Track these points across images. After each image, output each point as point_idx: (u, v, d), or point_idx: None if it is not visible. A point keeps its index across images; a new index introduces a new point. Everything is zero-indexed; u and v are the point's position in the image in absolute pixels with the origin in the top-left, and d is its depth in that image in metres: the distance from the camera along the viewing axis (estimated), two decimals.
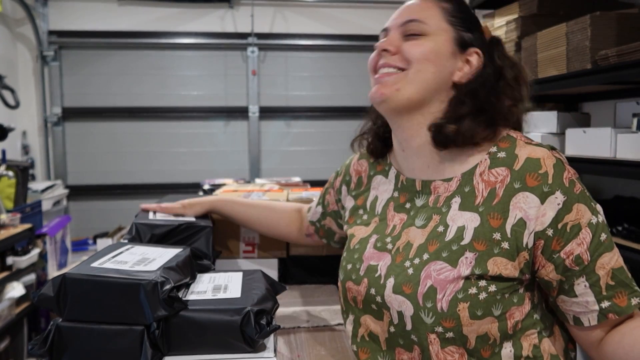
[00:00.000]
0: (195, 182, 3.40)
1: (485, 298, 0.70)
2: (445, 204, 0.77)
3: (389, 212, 0.86)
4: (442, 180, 0.79)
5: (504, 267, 0.70)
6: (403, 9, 0.83)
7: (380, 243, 0.83)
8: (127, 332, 0.69)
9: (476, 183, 0.75)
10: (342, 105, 3.92)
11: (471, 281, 0.70)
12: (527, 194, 0.70)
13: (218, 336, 0.71)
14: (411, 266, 0.75)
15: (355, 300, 0.83)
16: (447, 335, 0.70)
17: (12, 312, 2.15)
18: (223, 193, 1.53)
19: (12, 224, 2.23)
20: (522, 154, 0.73)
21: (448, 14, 0.80)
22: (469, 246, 0.71)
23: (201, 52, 3.84)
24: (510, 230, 0.70)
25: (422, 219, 0.79)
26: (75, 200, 3.78)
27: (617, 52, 1.47)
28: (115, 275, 0.70)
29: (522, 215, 0.70)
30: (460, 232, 0.73)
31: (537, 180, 0.70)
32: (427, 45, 0.78)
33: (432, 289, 0.71)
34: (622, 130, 1.58)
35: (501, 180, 0.73)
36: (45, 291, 0.70)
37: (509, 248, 0.70)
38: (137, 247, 0.88)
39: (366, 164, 0.97)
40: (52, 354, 0.69)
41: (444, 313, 0.70)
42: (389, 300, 0.76)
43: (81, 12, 3.68)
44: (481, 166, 0.76)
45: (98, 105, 3.75)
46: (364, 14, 3.87)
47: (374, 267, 0.81)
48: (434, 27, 0.79)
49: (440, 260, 0.73)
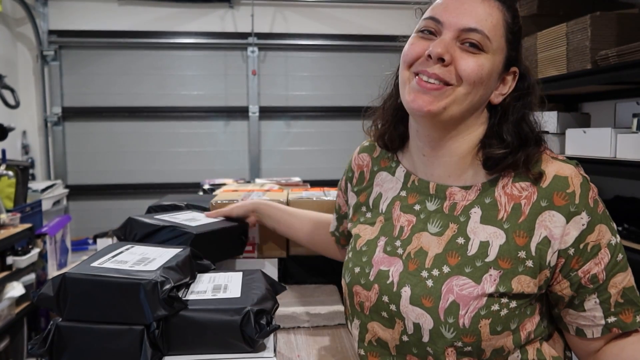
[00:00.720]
0: (195, 182, 3.39)
1: (506, 314, 0.69)
2: (463, 213, 0.74)
3: (394, 212, 0.82)
4: (460, 187, 0.76)
5: (527, 285, 0.69)
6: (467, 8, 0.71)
7: (390, 247, 0.79)
8: (127, 331, 0.69)
9: (498, 196, 0.73)
10: (342, 105, 3.92)
11: (494, 298, 0.69)
12: (554, 212, 0.69)
13: (218, 336, 0.71)
14: (429, 277, 0.72)
15: (362, 306, 0.80)
16: (465, 350, 0.70)
17: (12, 312, 2.15)
18: (223, 193, 1.53)
19: (12, 223, 2.22)
20: (550, 170, 0.71)
21: (508, 30, 0.73)
22: (494, 264, 0.70)
23: (201, 52, 3.84)
24: (535, 249, 0.69)
25: (436, 226, 0.76)
26: (75, 200, 3.78)
27: (617, 52, 1.47)
28: (115, 274, 0.70)
29: (547, 234, 0.69)
30: (483, 247, 0.71)
31: (564, 200, 0.69)
32: (485, 66, 0.70)
33: (454, 304, 0.69)
34: (622, 130, 1.58)
35: (527, 196, 0.71)
36: (45, 291, 0.70)
37: (532, 266, 0.69)
38: (137, 247, 0.88)
39: (368, 158, 0.92)
40: (51, 354, 0.69)
41: (465, 329, 0.68)
42: (405, 310, 0.73)
43: (81, 12, 3.68)
44: (504, 178, 0.73)
45: (98, 105, 3.75)
46: (364, 14, 3.87)
47: (384, 273, 0.77)
48: (495, 45, 0.71)
49: (463, 276, 0.70)
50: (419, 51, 0.72)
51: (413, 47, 0.74)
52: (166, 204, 1.35)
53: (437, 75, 0.70)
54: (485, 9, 0.71)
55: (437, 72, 0.70)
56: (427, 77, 0.71)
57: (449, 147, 0.76)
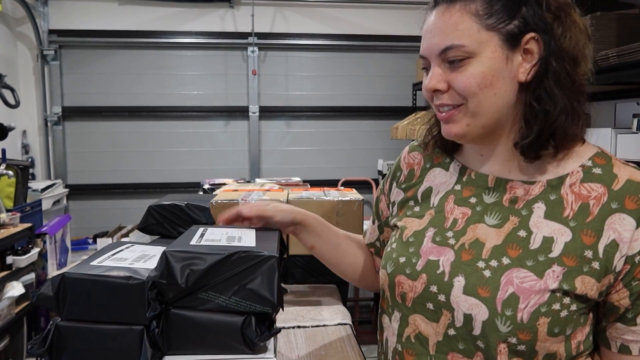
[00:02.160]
0: (195, 181, 3.40)
1: (565, 316, 0.67)
2: (525, 207, 0.72)
3: (447, 205, 0.80)
4: (523, 182, 0.74)
5: (590, 288, 0.67)
6: (433, 31, 0.73)
7: (440, 237, 0.77)
8: (127, 331, 0.69)
9: (564, 193, 0.71)
10: (343, 105, 3.92)
11: (556, 296, 0.66)
12: (624, 216, 0.67)
13: (218, 337, 0.71)
14: (487, 268, 0.70)
15: (405, 297, 0.77)
16: (518, 348, 0.67)
17: (11, 312, 2.15)
18: (223, 192, 1.53)
19: (12, 223, 2.22)
20: (623, 174, 0.70)
21: (482, 18, 0.69)
22: (558, 260, 0.67)
23: (201, 52, 3.84)
24: (603, 251, 0.67)
25: (495, 218, 0.74)
26: (75, 199, 3.78)
27: (617, 52, 1.47)
28: (114, 274, 0.70)
29: (616, 237, 0.67)
30: (547, 243, 0.69)
31: (636, 204, 0.67)
32: (476, 70, 0.69)
33: (514, 296, 0.67)
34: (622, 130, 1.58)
35: (596, 197, 0.69)
36: (44, 290, 0.70)
37: (598, 269, 0.67)
38: (136, 245, 0.88)
39: (420, 156, 0.89)
40: (51, 354, 0.69)
41: (522, 324, 0.66)
42: (457, 300, 0.70)
43: (81, 12, 3.68)
44: (572, 177, 0.72)
45: (98, 105, 3.75)
46: (364, 14, 3.87)
47: (434, 263, 0.75)
48: (474, 45, 0.69)
49: (525, 269, 0.68)
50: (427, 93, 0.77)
51: (423, 89, 0.78)
52: (166, 203, 1.35)
53: (443, 104, 0.74)
54: (446, 21, 0.71)
55: (444, 101, 0.74)
56: (440, 108, 0.75)
57: (502, 143, 0.76)
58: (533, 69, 0.70)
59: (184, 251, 0.71)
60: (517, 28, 0.69)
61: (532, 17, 0.69)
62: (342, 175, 3.93)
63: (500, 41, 0.69)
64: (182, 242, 0.77)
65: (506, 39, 0.69)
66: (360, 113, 3.93)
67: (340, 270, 0.98)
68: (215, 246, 0.75)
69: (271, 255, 0.73)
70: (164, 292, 0.70)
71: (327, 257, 0.97)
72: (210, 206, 1.34)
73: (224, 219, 0.95)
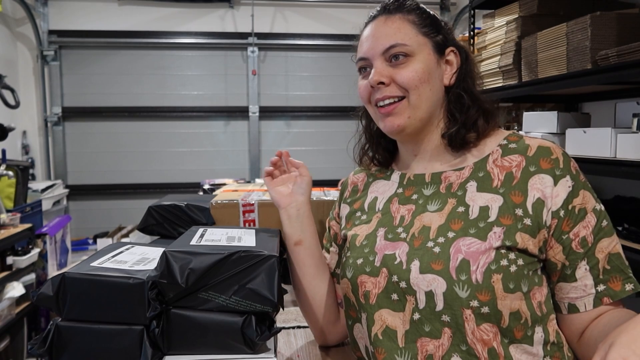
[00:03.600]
0: (195, 182, 3.40)
1: (515, 271, 0.71)
2: (460, 188, 0.80)
3: (392, 206, 0.86)
4: (454, 170, 0.83)
5: (528, 242, 0.73)
6: (376, 35, 0.84)
7: (392, 234, 0.81)
8: (127, 331, 0.69)
9: (490, 169, 0.80)
10: (342, 105, 3.92)
11: (502, 253, 0.72)
12: (543, 175, 0.75)
13: (219, 337, 0.71)
14: (436, 245, 0.75)
15: (368, 296, 0.79)
16: (482, 311, 0.70)
17: (12, 312, 2.15)
18: (223, 193, 1.53)
19: (12, 223, 2.23)
20: (533, 143, 0.80)
21: (418, 26, 0.83)
22: (496, 222, 0.74)
23: (201, 52, 3.84)
24: (532, 208, 0.74)
25: (435, 204, 0.81)
26: (75, 200, 3.78)
27: (617, 52, 1.47)
28: (114, 274, 0.70)
29: (540, 195, 0.74)
30: (484, 211, 0.76)
31: (550, 164, 0.76)
32: (417, 67, 0.81)
33: (464, 261, 0.72)
34: (622, 130, 1.58)
35: (517, 164, 0.78)
36: (44, 290, 0.70)
37: (530, 224, 0.73)
38: (136, 247, 0.88)
39: (363, 175, 0.98)
40: (51, 354, 0.69)
41: (479, 285, 0.70)
42: (416, 282, 0.74)
43: (81, 12, 3.69)
44: (493, 155, 0.81)
45: (98, 105, 3.75)
46: (364, 14, 3.86)
47: (391, 256, 0.79)
48: (414, 46, 0.81)
49: (469, 237, 0.74)
50: (366, 88, 0.86)
51: (361, 88, 0.88)
52: (166, 204, 1.35)
53: (387, 96, 0.82)
54: (390, 26, 0.83)
55: (386, 94, 0.82)
56: (382, 102, 0.83)
57: (432, 139, 0.86)
58: (454, 76, 0.85)
59: (184, 251, 0.71)
60: (441, 40, 0.84)
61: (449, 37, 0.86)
62: (342, 175, 3.92)
63: (432, 47, 0.83)
64: (182, 242, 0.77)
65: (436, 46, 0.83)
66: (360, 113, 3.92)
67: (314, 290, 0.93)
68: (215, 246, 0.75)
69: (271, 254, 0.73)
70: (164, 292, 0.70)
71: (307, 263, 0.92)
72: (210, 206, 1.34)
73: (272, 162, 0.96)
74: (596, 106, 2.16)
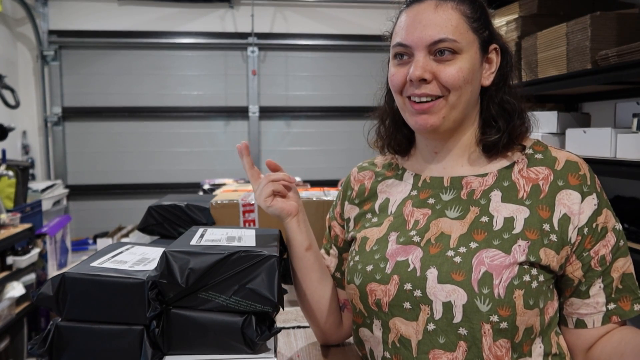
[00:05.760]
0: (195, 182, 3.40)
1: (536, 287, 0.70)
2: (482, 196, 0.77)
3: (405, 209, 0.82)
4: (476, 176, 0.79)
5: (552, 259, 0.71)
6: (424, 23, 0.74)
7: (404, 238, 0.78)
8: (127, 331, 0.69)
9: (515, 179, 0.77)
10: (342, 105, 3.92)
11: (524, 268, 0.70)
12: (570, 191, 0.74)
13: (218, 337, 0.71)
14: (457, 255, 0.72)
15: (380, 304, 0.77)
16: (501, 326, 0.68)
17: (12, 312, 2.15)
18: (223, 193, 1.53)
19: (12, 223, 2.23)
20: (561, 156, 0.77)
21: (470, 21, 0.75)
22: (521, 235, 0.72)
23: (201, 52, 3.84)
24: (557, 224, 0.72)
25: (456, 211, 0.77)
26: (75, 200, 3.78)
27: (617, 52, 1.47)
28: (114, 274, 0.70)
29: (567, 210, 0.73)
30: (509, 222, 0.73)
31: (578, 180, 0.74)
32: (463, 66, 0.74)
33: (487, 274, 0.69)
34: (622, 130, 1.58)
35: (544, 177, 0.76)
36: (44, 290, 0.70)
37: (556, 241, 0.72)
38: (137, 247, 0.88)
39: (370, 173, 0.92)
40: (51, 354, 0.69)
41: (500, 299, 0.68)
42: (433, 291, 0.71)
43: (81, 12, 3.69)
44: (519, 164, 0.78)
45: (98, 105, 3.75)
46: (364, 14, 3.87)
47: (403, 262, 0.75)
48: (464, 43, 0.74)
49: (492, 248, 0.71)
50: (401, 78, 0.78)
51: (395, 76, 0.79)
52: (166, 204, 1.35)
53: (426, 94, 0.75)
54: (441, 15, 0.74)
55: (425, 91, 0.75)
56: (418, 98, 0.76)
57: (458, 139, 0.81)
58: (492, 76, 0.79)
59: (184, 251, 0.71)
60: (488, 37, 0.78)
61: (495, 32, 0.80)
62: (342, 175, 3.93)
63: (479, 45, 0.77)
64: (182, 242, 0.77)
65: (482, 45, 0.77)
66: (360, 113, 3.92)
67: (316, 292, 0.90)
68: (215, 246, 0.75)
69: (271, 254, 0.73)
70: (164, 292, 0.70)
71: (315, 268, 0.89)
72: (210, 206, 1.34)
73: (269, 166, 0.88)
74: (596, 106, 2.16)
